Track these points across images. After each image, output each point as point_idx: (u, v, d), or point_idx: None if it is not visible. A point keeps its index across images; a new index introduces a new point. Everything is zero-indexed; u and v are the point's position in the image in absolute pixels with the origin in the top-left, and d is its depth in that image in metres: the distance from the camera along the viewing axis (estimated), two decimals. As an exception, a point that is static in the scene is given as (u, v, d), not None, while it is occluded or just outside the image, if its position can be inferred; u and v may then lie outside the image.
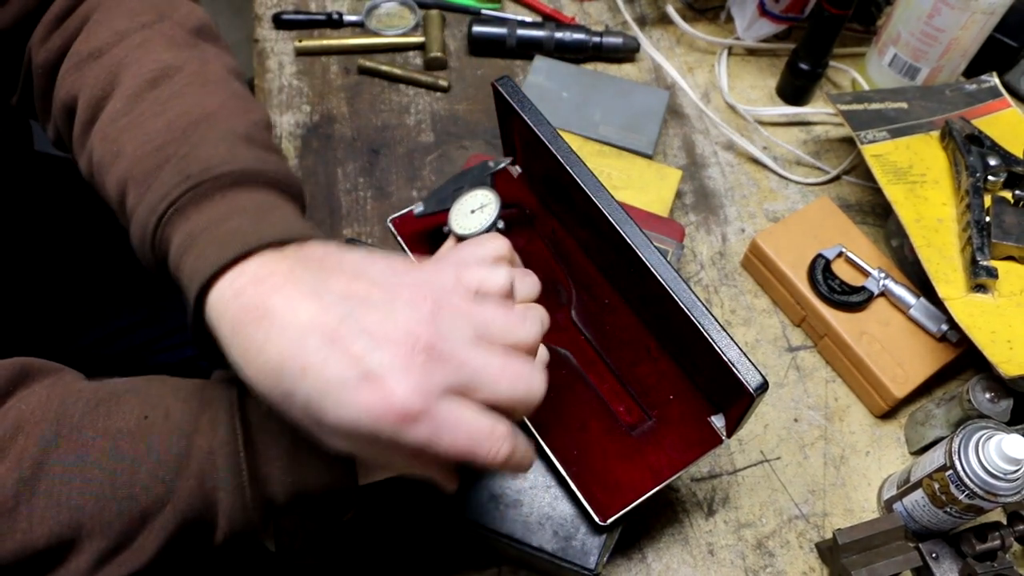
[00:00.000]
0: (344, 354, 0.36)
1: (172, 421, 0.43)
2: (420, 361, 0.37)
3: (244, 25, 1.33)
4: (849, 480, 0.68)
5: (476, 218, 0.57)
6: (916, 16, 0.80)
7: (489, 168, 0.60)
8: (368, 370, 0.36)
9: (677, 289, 0.50)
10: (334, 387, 0.36)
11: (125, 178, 0.46)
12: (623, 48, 0.91)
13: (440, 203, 0.60)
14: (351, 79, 0.88)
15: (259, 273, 0.39)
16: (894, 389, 0.68)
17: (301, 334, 0.37)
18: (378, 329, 0.37)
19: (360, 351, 0.36)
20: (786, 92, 0.90)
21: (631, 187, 0.77)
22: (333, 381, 0.36)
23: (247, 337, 0.38)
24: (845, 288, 0.71)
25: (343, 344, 0.36)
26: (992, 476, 0.55)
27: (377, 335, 0.37)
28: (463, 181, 0.60)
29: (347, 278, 0.40)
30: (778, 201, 0.84)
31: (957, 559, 0.62)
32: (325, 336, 0.36)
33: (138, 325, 0.87)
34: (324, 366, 0.36)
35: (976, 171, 0.72)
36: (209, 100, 0.49)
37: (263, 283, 0.39)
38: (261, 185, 0.45)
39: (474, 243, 0.48)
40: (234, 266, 0.39)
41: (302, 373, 0.36)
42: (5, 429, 0.40)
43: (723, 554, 0.64)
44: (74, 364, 0.93)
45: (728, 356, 0.49)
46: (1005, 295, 0.67)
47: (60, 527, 0.40)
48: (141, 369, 0.89)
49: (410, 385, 0.36)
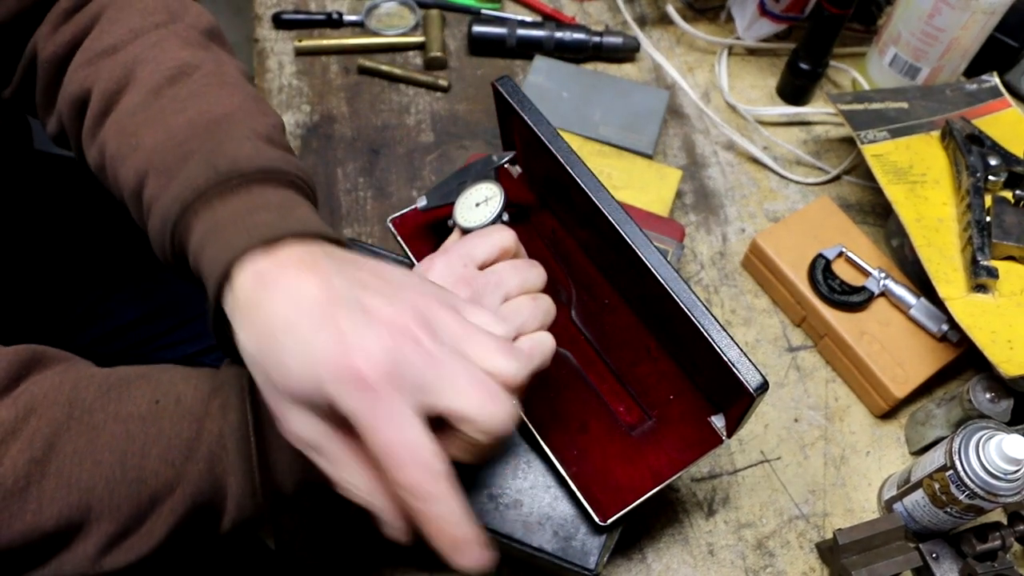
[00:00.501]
0: (334, 326, 0.36)
1: (183, 406, 0.43)
2: (401, 345, 0.37)
3: (244, 25, 1.33)
4: (849, 480, 0.68)
5: (481, 211, 0.56)
6: (916, 16, 0.80)
7: (493, 162, 0.60)
8: (347, 336, 0.36)
9: (677, 289, 0.50)
10: (309, 347, 0.36)
11: (145, 169, 0.47)
12: (623, 48, 0.90)
13: (444, 197, 0.59)
14: (351, 79, 0.88)
15: (282, 258, 0.40)
16: (894, 389, 0.68)
17: (302, 304, 0.37)
18: (375, 311, 0.37)
19: (349, 326, 0.36)
20: (786, 92, 0.90)
21: (631, 187, 0.77)
22: (312, 343, 0.36)
23: (252, 300, 0.39)
24: (845, 288, 0.71)
25: (336, 318, 0.37)
26: (992, 476, 0.55)
27: (372, 315, 0.37)
28: (467, 175, 0.60)
29: (363, 272, 0.40)
30: (778, 201, 0.83)
31: (957, 559, 0.62)
32: (324, 310, 0.37)
33: (137, 323, 0.87)
34: (310, 331, 0.36)
35: (976, 171, 0.72)
36: (228, 100, 0.49)
37: (284, 266, 0.39)
38: (285, 184, 0.46)
39: (481, 235, 0.49)
40: (259, 252, 0.40)
41: (288, 335, 0.37)
42: (18, 411, 0.41)
43: (723, 554, 0.64)
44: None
45: (728, 356, 0.49)
46: (1006, 295, 0.67)
47: (70, 509, 0.40)
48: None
49: (379, 355, 0.36)
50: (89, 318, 0.86)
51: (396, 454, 0.36)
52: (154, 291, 0.87)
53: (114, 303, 0.86)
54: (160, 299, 0.87)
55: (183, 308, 0.87)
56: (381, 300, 0.38)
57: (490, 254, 0.49)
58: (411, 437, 0.36)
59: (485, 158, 0.61)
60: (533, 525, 0.55)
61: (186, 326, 0.87)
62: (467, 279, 0.47)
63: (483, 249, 0.48)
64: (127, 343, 0.87)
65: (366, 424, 0.36)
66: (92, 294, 0.86)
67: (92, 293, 0.86)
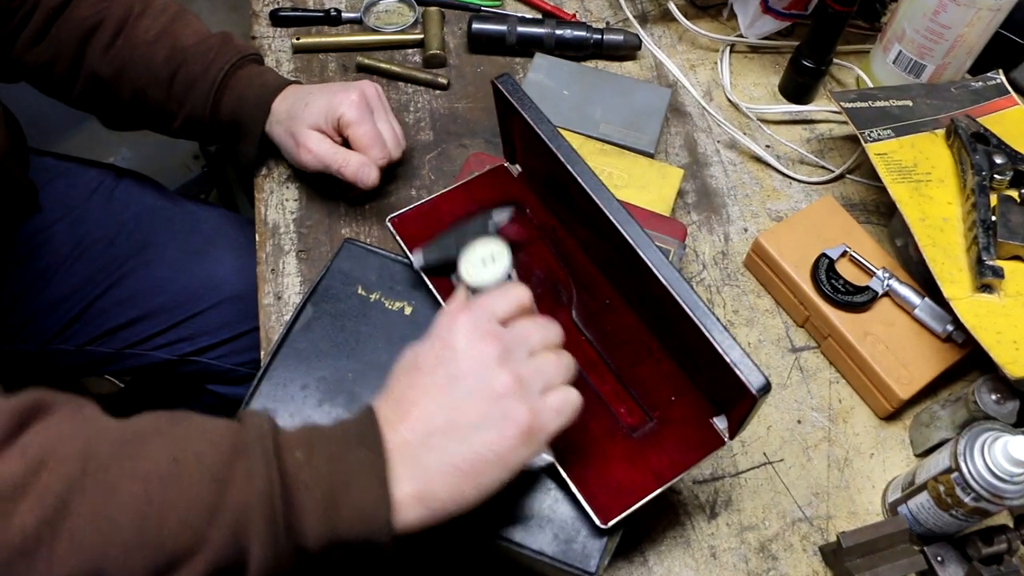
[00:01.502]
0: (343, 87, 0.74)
1: (204, 466, 0.42)
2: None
3: (241, 21, 1.32)
4: (853, 482, 0.67)
5: (489, 269, 0.57)
6: (921, 13, 0.80)
7: (493, 221, 0.61)
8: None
9: (679, 289, 0.50)
10: (329, 96, 0.73)
11: (184, 56, 0.73)
12: (624, 45, 0.90)
13: (442, 253, 0.60)
14: (349, 76, 0.87)
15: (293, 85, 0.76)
16: (899, 390, 0.67)
17: (312, 86, 0.76)
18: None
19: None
20: (789, 90, 0.89)
21: (632, 186, 0.76)
22: (331, 90, 0.74)
23: (286, 92, 0.75)
24: (849, 288, 0.71)
25: (347, 86, 0.74)
26: (998, 479, 0.55)
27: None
28: (463, 232, 0.60)
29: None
30: (781, 200, 0.83)
31: (963, 563, 0.61)
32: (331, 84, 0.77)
33: (133, 323, 0.86)
34: (332, 89, 0.74)
35: (982, 169, 0.71)
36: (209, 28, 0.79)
37: (298, 85, 0.77)
38: (260, 62, 0.79)
39: (500, 293, 0.52)
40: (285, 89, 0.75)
41: (314, 93, 0.74)
42: (27, 465, 0.39)
43: (725, 557, 0.63)
44: (69, 362, 0.92)
45: (730, 357, 0.48)
46: (1011, 295, 0.67)
47: (82, 574, 0.38)
48: (135, 366, 0.89)
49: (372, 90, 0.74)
50: (85, 319, 0.86)
51: (371, 141, 0.71)
52: (150, 292, 0.86)
53: (109, 303, 0.86)
54: (155, 300, 0.86)
55: (178, 309, 0.86)
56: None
57: (510, 311, 0.51)
58: (374, 132, 0.71)
59: (483, 215, 0.62)
60: (533, 528, 0.54)
61: (181, 326, 0.87)
62: (496, 335, 0.49)
63: (503, 307, 0.51)
64: (123, 343, 0.87)
65: (355, 124, 0.71)
66: (88, 295, 0.85)
67: (88, 294, 0.85)
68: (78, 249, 0.85)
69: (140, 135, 0.81)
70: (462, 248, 0.59)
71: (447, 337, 0.49)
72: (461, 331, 0.49)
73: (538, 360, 0.49)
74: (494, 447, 0.46)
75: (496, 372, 0.47)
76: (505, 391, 0.47)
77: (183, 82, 0.73)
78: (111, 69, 0.74)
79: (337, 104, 0.70)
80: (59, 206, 0.86)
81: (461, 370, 0.48)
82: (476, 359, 0.48)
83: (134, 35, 0.74)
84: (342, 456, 0.45)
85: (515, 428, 0.46)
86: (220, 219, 0.92)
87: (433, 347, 0.49)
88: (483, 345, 0.48)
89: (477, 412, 0.47)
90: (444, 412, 0.47)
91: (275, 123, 0.73)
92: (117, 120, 0.80)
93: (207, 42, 0.75)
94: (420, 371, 0.49)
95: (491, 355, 0.48)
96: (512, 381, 0.47)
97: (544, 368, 0.49)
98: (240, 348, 0.89)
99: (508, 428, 0.46)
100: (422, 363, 0.49)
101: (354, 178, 0.70)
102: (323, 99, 0.71)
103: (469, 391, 0.47)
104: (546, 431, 0.48)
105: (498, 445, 0.46)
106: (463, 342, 0.48)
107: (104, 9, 0.74)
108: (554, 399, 0.49)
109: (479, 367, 0.47)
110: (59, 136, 1.46)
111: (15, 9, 0.73)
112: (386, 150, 0.72)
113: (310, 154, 0.71)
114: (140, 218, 0.88)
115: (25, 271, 0.84)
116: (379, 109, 0.73)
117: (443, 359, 0.48)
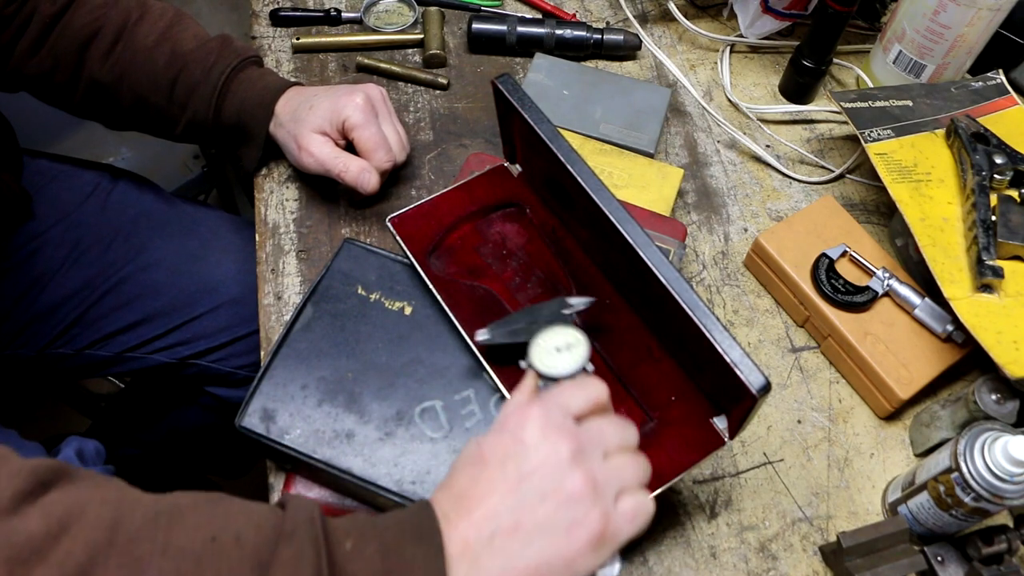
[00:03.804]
0: (346, 88, 0.74)
1: (245, 548, 0.39)
2: None
3: (241, 21, 1.32)
4: (853, 482, 0.67)
5: (564, 358, 0.53)
6: (921, 13, 0.80)
7: (569, 307, 0.57)
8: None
9: (679, 289, 0.50)
10: (332, 99, 0.73)
11: (184, 60, 0.73)
12: (624, 45, 0.90)
13: (511, 335, 0.56)
14: (349, 76, 0.87)
15: (295, 88, 0.76)
16: (899, 390, 0.67)
17: (312, 88, 0.76)
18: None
19: None
20: (789, 90, 0.89)
21: (632, 186, 0.76)
22: (334, 94, 0.73)
23: (288, 94, 0.75)
24: (849, 288, 0.71)
25: (351, 90, 0.74)
26: (998, 479, 0.55)
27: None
28: (536, 316, 0.57)
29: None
30: (781, 200, 0.83)
31: (963, 563, 0.61)
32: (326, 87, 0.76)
33: (132, 327, 0.86)
34: (334, 93, 0.73)
35: (982, 169, 0.71)
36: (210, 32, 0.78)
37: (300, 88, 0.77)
38: (260, 64, 0.79)
39: (576, 387, 0.49)
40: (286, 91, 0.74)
41: (317, 96, 0.74)
42: (50, 526, 0.36)
43: (725, 557, 0.63)
44: (69, 366, 0.92)
45: (731, 357, 0.48)
46: (1011, 295, 0.67)
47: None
48: (135, 369, 0.89)
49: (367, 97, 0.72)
50: (83, 323, 0.85)
51: (375, 145, 0.71)
52: (148, 296, 0.86)
53: (107, 307, 0.85)
54: (153, 304, 0.86)
55: (176, 313, 0.86)
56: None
57: (586, 407, 0.49)
58: (378, 135, 0.71)
59: (557, 300, 0.57)
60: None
61: (179, 329, 0.87)
62: (571, 432, 0.46)
63: (579, 402, 0.48)
64: (122, 347, 0.87)
65: (360, 128, 0.71)
66: (85, 299, 0.85)
67: (85, 298, 0.85)
68: (74, 254, 0.85)
69: (140, 135, 0.81)
70: (534, 333, 0.54)
71: (517, 431, 0.46)
72: (533, 425, 0.46)
73: (614, 462, 0.47)
74: (562, 553, 0.43)
75: (569, 472, 0.44)
76: (578, 493, 0.44)
77: (184, 87, 0.73)
78: (111, 76, 0.74)
79: (342, 107, 0.70)
80: (54, 211, 0.86)
81: (531, 467, 0.45)
82: (548, 457, 0.45)
83: (133, 41, 0.73)
84: (397, 550, 0.42)
85: (586, 534, 0.44)
86: (217, 221, 0.92)
87: (501, 440, 0.46)
88: (556, 442, 0.45)
89: (546, 514, 0.44)
90: (511, 511, 0.44)
91: (278, 125, 0.73)
92: (119, 124, 0.80)
93: (207, 46, 0.74)
94: (486, 465, 0.46)
95: (564, 453, 0.45)
96: (585, 483, 0.44)
97: (620, 471, 0.47)
98: (239, 351, 0.89)
99: (578, 533, 0.44)
100: (488, 457, 0.46)
101: (354, 183, 0.70)
102: (328, 102, 0.71)
103: (539, 490, 0.44)
104: (618, 539, 0.45)
105: (566, 551, 0.43)
106: (535, 437, 0.46)
107: (102, 16, 0.73)
108: (628, 504, 0.46)
109: (551, 466, 0.45)
110: (59, 135, 1.46)
111: (10, 17, 0.72)
112: (391, 153, 0.72)
113: (312, 158, 0.71)
114: (136, 222, 0.88)
115: (20, 277, 0.83)
116: (384, 112, 0.73)
117: (512, 454, 0.45)
